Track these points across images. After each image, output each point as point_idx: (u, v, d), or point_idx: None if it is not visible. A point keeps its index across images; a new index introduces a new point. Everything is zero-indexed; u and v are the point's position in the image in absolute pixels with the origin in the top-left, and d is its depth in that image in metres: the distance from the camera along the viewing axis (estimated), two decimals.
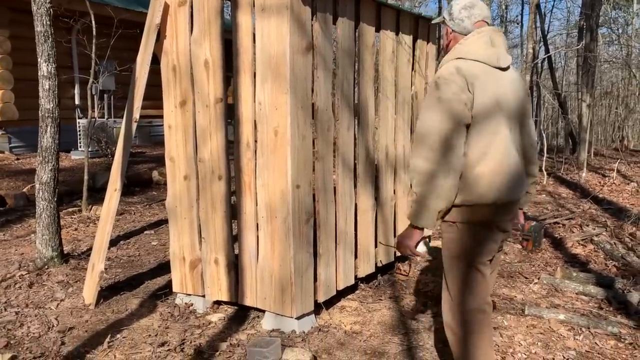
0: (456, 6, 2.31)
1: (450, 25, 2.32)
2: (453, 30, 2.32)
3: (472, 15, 2.27)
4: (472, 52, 2.19)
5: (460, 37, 2.29)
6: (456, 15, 2.29)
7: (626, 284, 4.00)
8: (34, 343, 3.09)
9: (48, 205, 4.25)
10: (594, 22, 10.63)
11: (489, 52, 2.20)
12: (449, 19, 2.33)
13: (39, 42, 4.16)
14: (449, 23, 2.32)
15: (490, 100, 2.14)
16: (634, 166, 10.68)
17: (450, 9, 2.33)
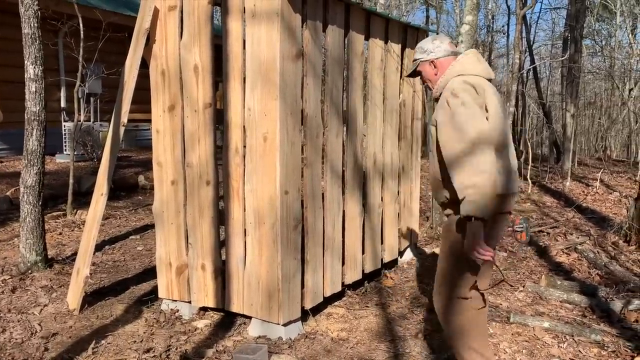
0: (426, 43, 2.51)
1: (432, 56, 2.48)
2: (436, 59, 2.47)
3: (443, 42, 2.50)
4: (469, 69, 2.38)
5: (446, 61, 2.46)
6: (432, 47, 2.49)
7: (609, 292, 4.05)
8: (17, 349, 3.04)
9: (32, 209, 4.20)
10: (579, 34, 10.80)
11: (482, 66, 2.41)
12: (427, 55, 2.49)
13: (26, 44, 4.12)
14: (430, 56, 2.48)
15: (497, 105, 2.31)
16: (616, 176, 10.84)
17: (421, 48, 2.51)
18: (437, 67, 2.47)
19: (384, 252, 4.42)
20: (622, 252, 5.27)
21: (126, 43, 4.06)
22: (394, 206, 4.54)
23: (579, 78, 11.29)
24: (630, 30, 15.51)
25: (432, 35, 2.57)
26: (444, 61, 2.46)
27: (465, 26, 5.56)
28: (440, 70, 2.46)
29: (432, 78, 2.50)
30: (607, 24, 18.53)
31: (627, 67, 14.92)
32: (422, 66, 2.50)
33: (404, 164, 4.69)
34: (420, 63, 2.51)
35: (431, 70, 2.48)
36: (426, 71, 2.50)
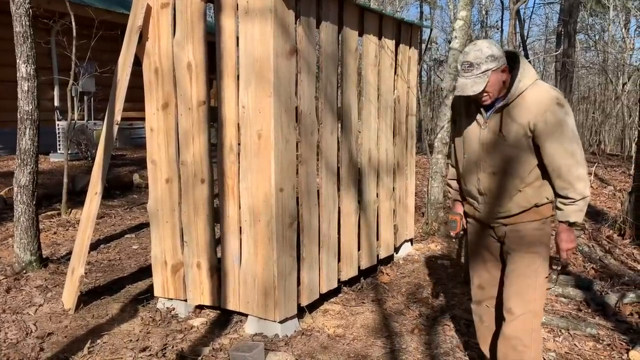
0: (493, 49, 2.26)
1: (503, 62, 2.27)
2: (506, 65, 2.30)
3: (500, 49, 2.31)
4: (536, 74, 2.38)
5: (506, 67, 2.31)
6: (500, 53, 2.27)
7: (604, 286, 4.07)
8: (12, 349, 3.03)
9: (27, 208, 4.18)
10: (572, 29, 10.83)
11: None
12: (498, 62, 2.25)
13: (18, 43, 4.09)
14: (501, 63, 2.26)
15: None
16: (610, 170, 10.88)
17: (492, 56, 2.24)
18: (505, 72, 2.29)
19: (379, 248, 4.42)
20: (616, 246, 5.30)
21: (119, 41, 4.04)
22: (390, 202, 4.55)
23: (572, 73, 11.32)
24: (623, 25, 15.56)
25: (486, 40, 2.33)
26: (506, 68, 2.30)
27: (459, 22, 5.56)
28: (508, 77, 2.30)
29: (499, 86, 2.28)
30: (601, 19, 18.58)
31: (621, 62, 14.96)
32: (495, 75, 2.25)
33: (399, 160, 4.69)
34: (492, 72, 2.24)
35: (501, 78, 2.27)
36: (495, 80, 2.26)
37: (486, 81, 2.24)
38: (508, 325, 2.41)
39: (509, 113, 2.31)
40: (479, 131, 2.40)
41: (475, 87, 2.24)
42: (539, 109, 2.24)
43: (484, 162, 2.40)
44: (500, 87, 2.30)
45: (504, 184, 2.38)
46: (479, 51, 2.25)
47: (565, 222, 2.30)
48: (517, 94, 2.28)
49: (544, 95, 2.26)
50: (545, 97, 2.26)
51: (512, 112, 2.30)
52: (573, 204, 2.27)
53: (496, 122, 2.34)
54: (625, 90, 13.98)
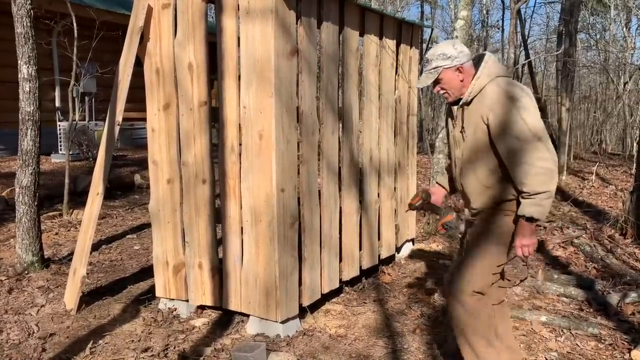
0: (447, 49, 2.37)
1: (457, 62, 2.36)
2: (462, 65, 2.37)
3: (463, 46, 2.41)
4: (501, 71, 2.38)
5: (470, 67, 2.38)
6: (455, 52, 2.36)
7: (606, 286, 4.07)
8: (14, 350, 3.03)
9: (28, 209, 4.18)
10: (573, 28, 10.80)
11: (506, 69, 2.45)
12: (452, 61, 2.35)
13: (19, 44, 4.10)
14: (455, 62, 2.36)
15: None
16: (612, 169, 10.87)
17: (443, 55, 2.36)
18: (463, 72, 2.36)
19: (381, 248, 4.42)
20: (618, 246, 5.29)
21: (120, 42, 4.04)
22: (391, 202, 4.54)
23: (574, 72, 11.30)
24: (624, 24, 15.54)
25: (447, 41, 2.44)
26: (468, 67, 2.38)
27: (460, 21, 5.56)
28: (466, 75, 2.37)
29: (455, 85, 2.39)
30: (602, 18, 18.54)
31: (622, 61, 14.94)
32: (445, 73, 2.37)
33: (400, 160, 4.69)
34: (443, 70, 2.37)
35: (456, 76, 2.37)
36: (449, 78, 2.38)
37: (434, 77, 2.38)
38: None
39: (468, 111, 2.39)
40: (452, 130, 2.52)
41: (425, 81, 2.41)
42: (491, 103, 2.30)
43: (458, 160, 2.51)
44: (459, 86, 2.38)
45: (473, 181, 2.45)
46: (434, 49, 2.40)
47: (522, 216, 2.27)
48: (475, 92, 2.35)
49: (496, 91, 2.30)
50: (497, 92, 2.30)
51: (471, 110, 2.38)
52: (528, 198, 2.23)
53: (460, 120, 2.43)
54: (627, 89, 13.96)
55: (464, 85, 2.39)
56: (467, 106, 2.39)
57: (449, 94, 2.43)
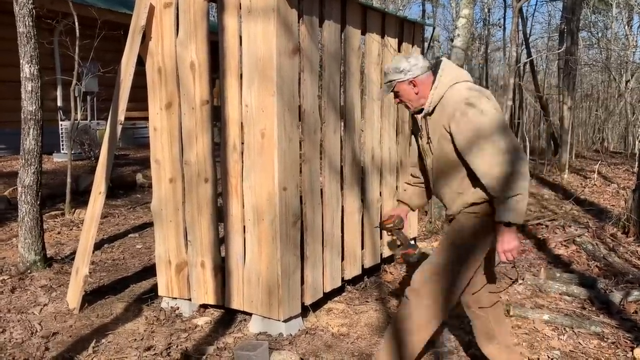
0: (401, 63, 2.40)
1: (410, 75, 2.38)
2: (415, 77, 2.38)
3: (419, 59, 2.42)
4: (459, 76, 2.38)
5: (427, 78, 2.39)
6: (408, 66, 2.39)
7: (608, 284, 4.06)
8: (17, 349, 3.04)
9: (31, 208, 4.19)
10: (575, 26, 10.78)
11: (465, 72, 2.46)
12: (405, 74, 2.38)
13: (21, 43, 4.10)
14: (408, 76, 2.38)
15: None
16: (614, 168, 10.85)
17: (397, 69, 2.39)
18: (417, 85, 2.38)
19: (383, 247, 4.42)
20: (620, 244, 5.29)
21: (122, 41, 4.04)
22: (393, 201, 4.54)
23: (575, 70, 11.28)
24: (626, 22, 15.51)
25: (405, 55, 2.46)
26: (424, 78, 2.38)
27: (461, 20, 5.55)
28: (422, 87, 2.38)
29: (412, 97, 2.41)
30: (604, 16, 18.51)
31: (624, 59, 14.92)
32: (400, 86, 2.41)
33: (402, 159, 4.68)
34: (397, 83, 2.41)
35: (410, 89, 2.40)
36: (405, 90, 2.41)
37: (390, 90, 2.44)
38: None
39: (432, 121, 2.40)
40: (420, 141, 2.53)
41: (383, 93, 2.56)
42: (451, 112, 2.29)
43: (430, 170, 2.51)
44: (415, 98, 2.40)
45: (446, 190, 2.45)
46: (391, 63, 2.45)
47: (500, 222, 2.25)
48: (435, 101, 2.36)
49: (454, 97, 2.30)
50: (455, 98, 2.29)
51: (433, 119, 2.39)
52: (501, 203, 2.22)
53: (425, 131, 2.44)
54: (629, 87, 13.94)
55: (422, 97, 2.40)
56: (430, 116, 2.40)
57: (409, 105, 2.46)
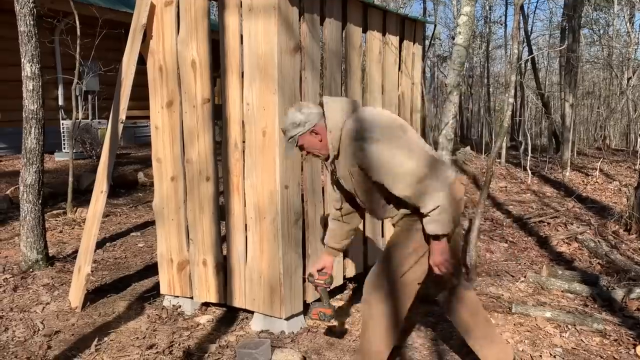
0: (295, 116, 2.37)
1: (308, 126, 2.35)
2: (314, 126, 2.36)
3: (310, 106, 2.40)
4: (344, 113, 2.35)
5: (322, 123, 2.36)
6: (304, 117, 2.36)
7: (610, 281, 4.06)
8: (20, 347, 3.04)
9: (33, 207, 4.19)
10: (576, 23, 10.77)
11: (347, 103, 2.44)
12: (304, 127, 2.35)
13: (23, 42, 4.10)
14: (307, 127, 2.35)
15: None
16: (616, 165, 10.84)
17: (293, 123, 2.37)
18: (319, 132, 2.35)
19: (385, 244, 4.42)
20: (622, 241, 5.28)
21: (123, 40, 4.04)
22: None
23: (577, 68, 11.26)
24: (628, 19, 15.47)
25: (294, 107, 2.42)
26: (322, 123, 2.35)
27: (463, 17, 5.54)
28: (323, 133, 2.35)
29: (318, 146, 2.39)
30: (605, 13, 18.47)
31: (626, 56, 14.89)
32: (302, 139, 2.38)
33: None
34: (299, 137, 2.38)
35: (313, 138, 2.37)
36: (309, 141, 2.38)
37: (294, 145, 2.41)
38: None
39: (339, 163, 2.40)
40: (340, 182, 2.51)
41: (288, 150, 2.46)
42: (350, 151, 2.29)
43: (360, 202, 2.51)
44: (320, 146, 2.39)
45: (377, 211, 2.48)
46: (286, 120, 2.40)
47: (428, 235, 2.29)
48: (335, 146, 2.35)
49: (349, 136, 2.29)
50: (350, 136, 2.28)
51: (341, 162, 2.38)
52: (425, 216, 2.24)
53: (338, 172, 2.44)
54: (630, 84, 13.91)
55: (326, 143, 2.37)
56: (337, 160, 2.40)
57: (319, 155, 2.43)
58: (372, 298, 2.43)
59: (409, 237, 2.38)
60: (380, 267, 2.44)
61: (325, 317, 2.72)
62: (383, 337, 2.43)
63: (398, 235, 2.44)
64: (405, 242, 2.39)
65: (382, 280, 2.41)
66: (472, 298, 2.67)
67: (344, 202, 2.64)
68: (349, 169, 2.35)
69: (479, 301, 2.72)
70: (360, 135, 2.26)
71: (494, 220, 6.29)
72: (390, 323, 2.42)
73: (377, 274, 2.44)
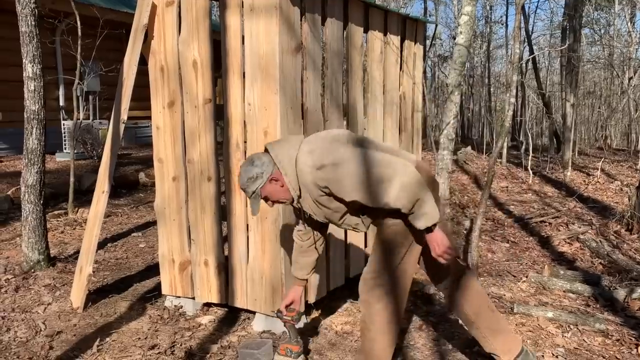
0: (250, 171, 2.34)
1: (267, 175, 2.33)
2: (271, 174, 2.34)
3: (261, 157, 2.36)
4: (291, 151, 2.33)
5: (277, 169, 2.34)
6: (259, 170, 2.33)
7: (612, 281, 4.06)
8: (22, 348, 3.04)
9: (34, 208, 4.19)
10: (577, 23, 10.76)
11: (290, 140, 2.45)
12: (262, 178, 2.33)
13: (24, 42, 4.10)
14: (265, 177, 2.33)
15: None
16: (617, 165, 10.83)
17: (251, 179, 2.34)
18: (278, 179, 2.34)
19: None
20: (624, 241, 5.27)
21: (124, 40, 4.03)
22: None
23: (578, 67, 11.26)
24: (629, 19, 15.46)
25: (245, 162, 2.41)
26: (277, 170, 2.34)
27: (464, 17, 5.53)
28: (281, 178, 2.34)
29: (280, 192, 2.37)
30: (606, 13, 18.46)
31: (627, 56, 14.88)
32: (265, 190, 2.36)
33: None
34: (261, 190, 2.35)
35: (275, 186, 2.35)
36: (271, 191, 2.36)
37: (259, 200, 2.37)
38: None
39: (305, 201, 2.39)
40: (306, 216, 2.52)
41: (255, 209, 2.39)
42: (311, 186, 2.28)
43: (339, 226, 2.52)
44: (283, 191, 2.36)
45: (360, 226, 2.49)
46: (242, 178, 2.36)
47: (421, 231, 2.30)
48: (295, 187, 2.33)
49: (305, 172, 2.26)
50: (307, 172, 2.26)
51: (306, 200, 2.37)
52: (409, 214, 2.25)
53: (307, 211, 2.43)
54: (631, 84, 13.90)
55: (287, 187, 2.36)
56: (301, 199, 2.39)
57: (284, 201, 2.42)
58: (370, 297, 2.45)
59: (394, 230, 2.39)
60: (373, 265, 2.45)
61: (292, 353, 2.77)
62: (385, 334, 2.44)
63: (382, 233, 2.44)
64: (392, 236, 2.40)
65: (377, 277, 2.43)
66: (476, 287, 2.67)
67: (313, 232, 2.65)
68: (316, 200, 2.34)
69: (483, 290, 2.73)
70: (315, 165, 2.24)
71: (496, 220, 6.29)
72: (391, 319, 2.43)
73: (371, 272, 2.46)
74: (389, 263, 2.41)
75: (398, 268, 2.41)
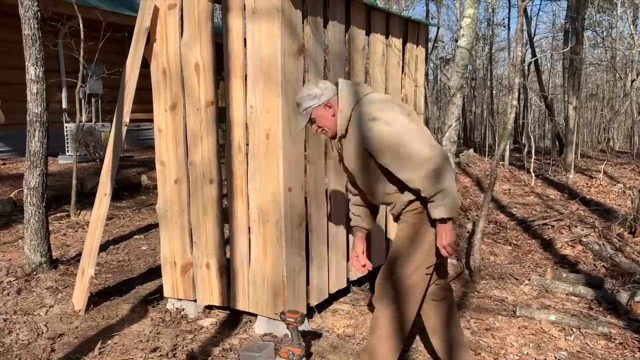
0: (311, 89, 2.42)
1: (324, 99, 2.40)
2: (328, 99, 2.40)
3: (326, 82, 2.46)
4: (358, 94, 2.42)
5: (335, 99, 2.41)
6: (319, 91, 2.41)
7: (615, 284, 4.04)
8: (23, 350, 3.04)
9: (37, 210, 4.20)
10: (580, 25, 10.76)
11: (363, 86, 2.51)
12: (319, 99, 2.40)
13: (27, 45, 4.12)
14: (322, 100, 2.40)
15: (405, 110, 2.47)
16: (620, 167, 10.81)
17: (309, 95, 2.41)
18: (332, 107, 2.40)
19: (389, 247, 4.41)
20: (627, 244, 5.26)
21: (126, 43, 4.04)
22: None
23: (580, 70, 11.26)
24: (631, 21, 15.45)
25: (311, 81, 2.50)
26: (335, 99, 2.41)
27: (466, 19, 5.53)
28: (335, 109, 2.41)
29: (329, 120, 2.42)
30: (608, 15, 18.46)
31: (629, 58, 14.86)
32: (316, 112, 2.41)
33: None
34: (313, 110, 2.41)
35: (327, 112, 2.41)
36: (322, 115, 2.41)
37: (307, 118, 2.43)
38: None
39: (347, 142, 2.42)
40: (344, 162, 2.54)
41: (299, 123, 2.49)
42: (359, 131, 2.33)
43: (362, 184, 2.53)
44: (333, 120, 2.42)
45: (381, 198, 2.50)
46: (302, 91, 2.46)
47: (435, 220, 2.31)
48: (344, 124, 2.39)
49: (360, 118, 2.34)
50: (362, 118, 2.33)
51: (348, 141, 2.41)
52: (430, 201, 2.27)
53: (344, 153, 2.47)
54: (634, 87, 13.88)
55: (336, 119, 2.41)
56: (345, 139, 2.43)
57: (326, 131, 2.46)
58: (385, 292, 2.44)
59: (415, 239, 2.39)
60: (392, 260, 2.45)
61: (294, 356, 2.78)
62: (390, 339, 2.43)
63: (403, 237, 2.44)
64: (411, 244, 2.40)
65: (394, 273, 2.42)
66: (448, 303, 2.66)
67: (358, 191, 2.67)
68: (355, 149, 2.38)
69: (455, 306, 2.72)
70: (370, 115, 2.32)
71: (498, 223, 6.28)
72: (399, 326, 2.43)
73: (389, 266, 2.46)
74: (407, 257, 2.41)
75: (417, 264, 2.40)
